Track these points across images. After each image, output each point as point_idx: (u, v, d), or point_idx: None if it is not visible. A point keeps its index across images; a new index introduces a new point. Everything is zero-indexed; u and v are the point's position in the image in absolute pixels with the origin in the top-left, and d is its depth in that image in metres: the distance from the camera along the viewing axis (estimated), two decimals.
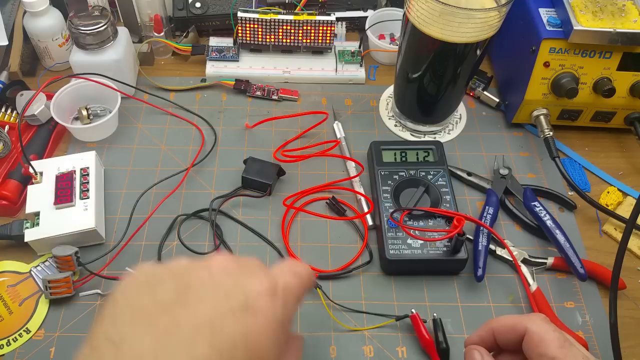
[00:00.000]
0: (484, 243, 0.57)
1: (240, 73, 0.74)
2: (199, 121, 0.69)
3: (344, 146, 0.67)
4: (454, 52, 0.57)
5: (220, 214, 0.61)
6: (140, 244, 0.58)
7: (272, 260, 0.58)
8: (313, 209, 0.62)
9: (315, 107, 0.72)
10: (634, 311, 0.56)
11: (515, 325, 0.39)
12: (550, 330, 0.38)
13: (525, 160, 0.67)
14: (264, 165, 0.63)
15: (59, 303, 0.54)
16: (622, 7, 0.61)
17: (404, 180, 0.60)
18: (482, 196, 0.64)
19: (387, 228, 0.57)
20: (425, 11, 0.54)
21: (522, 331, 0.39)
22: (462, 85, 0.64)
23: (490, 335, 0.41)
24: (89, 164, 0.60)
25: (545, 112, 0.66)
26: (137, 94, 0.71)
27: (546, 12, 0.64)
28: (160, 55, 0.77)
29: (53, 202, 0.56)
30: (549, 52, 0.62)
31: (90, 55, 0.66)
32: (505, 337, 0.40)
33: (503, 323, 0.41)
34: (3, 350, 0.51)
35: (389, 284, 0.57)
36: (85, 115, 0.66)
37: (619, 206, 0.63)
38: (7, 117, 0.65)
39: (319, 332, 0.53)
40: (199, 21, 0.77)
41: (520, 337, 0.39)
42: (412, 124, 0.69)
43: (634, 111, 0.66)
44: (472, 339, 0.43)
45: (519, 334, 0.39)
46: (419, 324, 0.52)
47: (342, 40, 0.78)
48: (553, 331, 0.38)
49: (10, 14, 0.72)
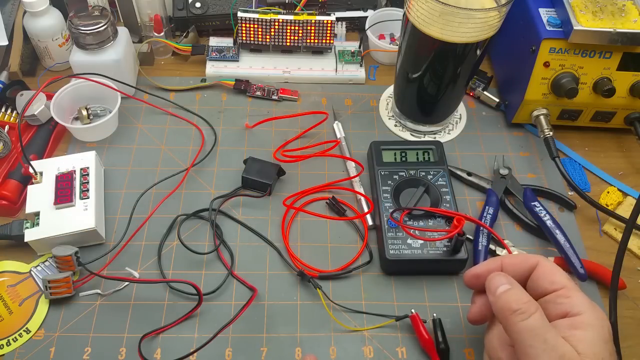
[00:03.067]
0: (484, 243, 0.57)
1: (240, 73, 0.74)
2: (199, 121, 0.69)
3: (344, 146, 0.67)
4: (454, 52, 0.57)
5: (220, 214, 0.61)
6: (140, 244, 0.58)
7: (272, 260, 0.58)
8: (313, 209, 0.62)
9: (315, 107, 0.72)
10: (634, 311, 0.56)
11: (527, 259, 0.44)
12: (560, 269, 0.43)
13: (525, 160, 0.67)
14: (264, 165, 0.63)
15: (59, 303, 0.54)
16: (622, 7, 0.61)
17: (404, 180, 0.60)
18: (482, 196, 0.64)
19: (387, 228, 0.57)
20: (425, 11, 0.54)
21: (533, 264, 0.43)
22: (462, 85, 0.64)
23: (498, 268, 0.44)
24: (89, 164, 0.60)
25: (545, 112, 0.66)
26: (137, 94, 0.71)
27: (546, 12, 0.64)
28: (160, 55, 0.77)
29: (53, 202, 0.56)
30: (549, 52, 0.62)
31: (90, 55, 0.66)
32: (514, 269, 0.44)
33: (513, 258, 0.44)
34: (3, 350, 0.51)
35: (389, 284, 0.57)
36: (85, 115, 0.66)
37: (619, 206, 0.63)
38: (7, 117, 0.65)
39: (319, 332, 0.53)
40: (199, 21, 0.77)
41: (530, 270, 0.43)
42: (412, 124, 0.69)
43: (634, 111, 0.66)
44: (479, 269, 0.45)
45: (529, 267, 0.43)
46: (419, 324, 0.52)
47: (342, 40, 0.78)
48: (562, 271, 0.43)
49: (10, 14, 0.72)
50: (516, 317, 0.39)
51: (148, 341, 0.52)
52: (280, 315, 0.54)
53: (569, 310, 0.41)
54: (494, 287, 0.42)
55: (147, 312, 0.54)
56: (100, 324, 0.53)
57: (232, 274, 0.56)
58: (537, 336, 0.38)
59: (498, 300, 0.41)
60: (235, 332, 0.53)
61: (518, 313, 0.39)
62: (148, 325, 0.52)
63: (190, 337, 0.52)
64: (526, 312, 0.39)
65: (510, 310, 0.39)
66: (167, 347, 0.51)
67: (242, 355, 0.51)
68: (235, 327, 0.53)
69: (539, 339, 0.38)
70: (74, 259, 0.53)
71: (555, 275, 0.43)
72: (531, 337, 0.38)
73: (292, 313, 0.54)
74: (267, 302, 0.55)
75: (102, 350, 0.51)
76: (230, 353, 0.52)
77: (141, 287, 0.55)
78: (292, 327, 0.53)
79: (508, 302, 0.40)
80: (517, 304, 0.39)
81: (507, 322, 0.40)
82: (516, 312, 0.39)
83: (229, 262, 0.57)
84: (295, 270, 0.56)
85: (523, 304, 0.39)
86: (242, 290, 0.55)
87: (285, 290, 0.56)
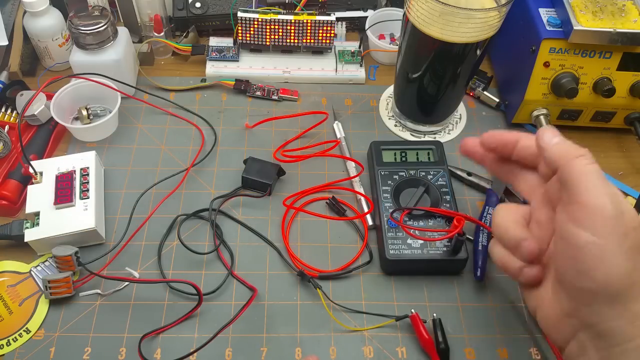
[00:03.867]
0: (484, 243, 0.57)
1: (240, 73, 0.74)
2: (199, 121, 0.69)
3: (344, 146, 0.67)
4: (454, 52, 0.57)
5: (220, 214, 0.61)
6: (140, 244, 0.58)
7: (272, 260, 0.58)
8: (313, 209, 0.62)
9: (315, 107, 0.72)
10: None
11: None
12: None
13: None
14: (264, 165, 0.63)
15: (59, 303, 0.54)
16: (622, 7, 0.61)
17: (404, 180, 0.60)
18: (482, 196, 0.64)
19: (387, 228, 0.57)
20: (425, 11, 0.54)
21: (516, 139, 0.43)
22: (462, 85, 0.64)
23: (513, 143, 0.44)
24: (89, 164, 0.60)
25: (545, 112, 0.66)
26: (137, 94, 0.71)
27: (546, 12, 0.64)
28: (160, 55, 0.77)
29: (53, 202, 0.56)
30: (549, 52, 0.62)
31: (90, 55, 0.66)
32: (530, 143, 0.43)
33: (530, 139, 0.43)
34: (3, 350, 0.51)
35: (389, 284, 0.57)
36: (85, 115, 0.66)
37: None
38: (7, 117, 0.65)
39: (319, 332, 0.53)
40: (199, 21, 0.77)
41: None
42: (412, 124, 0.69)
43: (634, 111, 0.66)
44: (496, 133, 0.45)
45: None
46: (419, 324, 0.52)
47: (342, 40, 0.78)
48: None
49: (10, 14, 0.72)
50: (582, 160, 0.38)
51: (148, 341, 0.52)
52: (280, 315, 0.54)
53: None
54: (548, 137, 0.41)
55: (147, 312, 0.54)
56: (100, 324, 0.53)
57: (232, 274, 0.56)
58: (602, 178, 0.38)
59: (559, 146, 0.40)
60: (235, 332, 0.53)
61: (583, 157, 0.39)
62: (148, 325, 0.52)
63: (190, 337, 0.52)
64: (589, 158, 0.39)
65: (575, 155, 0.39)
66: (167, 347, 0.51)
67: (242, 355, 0.51)
68: (235, 327, 0.53)
69: (604, 181, 0.37)
70: (74, 259, 0.53)
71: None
72: (597, 177, 0.37)
73: (292, 313, 0.54)
74: (267, 302, 0.55)
75: (102, 350, 0.51)
76: (230, 353, 0.52)
77: (141, 287, 0.55)
78: (292, 327, 0.53)
79: (571, 147, 0.40)
80: (583, 151, 0.39)
81: (572, 165, 0.39)
82: (582, 157, 0.39)
83: (229, 262, 0.57)
84: (295, 270, 0.56)
85: (587, 152, 0.39)
86: (242, 290, 0.55)
87: (285, 290, 0.56)
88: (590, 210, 0.37)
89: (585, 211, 0.37)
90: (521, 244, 0.41)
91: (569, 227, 0.38)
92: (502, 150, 0.45)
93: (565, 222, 0.38)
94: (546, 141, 0.41)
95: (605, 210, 0.36)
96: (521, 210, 0.44)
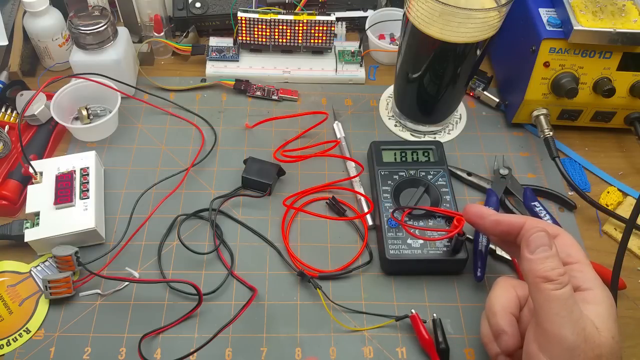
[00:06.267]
0: (484, 243, 0.57)
1: (240, 73, 0.74)
2: (199, 121, 0.69)
3: (344, 146, 0.67)
4: (454, 52, 0.57)
5: (220, 214, 0.61)
6: (140, 244, 0.58)
7: (272, 260, 0.58)
8: (313, 209, 0.62)
9: (315, 107, 0.72)
10: (634, 311, 0.56)
11: (549, 228, 0.44)
12: (578, 244, 0.44)
13: (525, 160, 0.67)
14: (264, 165, 0.63)
15: (59, 303, 0.54)
16: (622, 7, 0.61)
17: (404, 180, 0.60)
18: (482, 196, 0.64)
19: (387, 228, 0.57)
20: (425, 11, 0.54)
21: (554, 234, 0.45)
22: (462, 85, 0.64)
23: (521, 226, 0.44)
24: (89, 164, 0.60)
25: (545, 112, 0.66)
26: (137, 94, 0.71)
27: (546, 12, 0.64)
28: (160, 55, 0.77)
29: (53, 202, 0.56)
30: (549, 52, 0.62)
31: (90, 55, 0.66)
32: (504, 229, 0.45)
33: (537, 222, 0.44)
34: (3, 350, 0.51)
35: (389, 284, 0.57)
36: (85, 115, 0.66)
37: (619, 206, 0.63)
38: (7, 117, 0.65)
39: (319, 332, 0.53)
40: (199, 21, 0.77)
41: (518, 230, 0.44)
42: (412, 124, 0.69)
43: (634, 111, 0.66)
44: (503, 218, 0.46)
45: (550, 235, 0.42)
46: (419, 324, 0.52)
47: (342, 40, 0.78)
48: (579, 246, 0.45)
49: (10, 14, 0.72)
50: (550, 285, 0.39)
51: (148, 341, 0.52)
52: (280, 315, 0.54)
53: (581, 284, 0.41)
54: (534, 245, 0.41)
55: (147, 312, 0.54)
56: (100, 324, 0.53)
57: (232, 274, 0.56)
58: (565, 306, 0.38)
59: (535, 264, 0.40)
60: (235, 332, 0.53)
61: (554, 283, 0.39)
62: (148, 325, 0.52)
63: (190, 337, 0.52)
64: (561, 283, 0.39)
65: (546, 278, 0.39)
66: (167, 347, 0.51)
67: (242, 355, 0.51)
68: (235, 327, 0.53)
69: (567, 309, 0.38)
70: (74, 259, 0.53)
71: (573, 249, 0.43)
72: (559, 306, 0.38)
73: (292, 313, 0.54)
74: (267, 302, 0.55)
75: (102, 350, 0.51)
76: (230, 353, 0.52)
77: (141, 287, 0.55)
78: (292, 327, 0.53)
79: (545, 270, 0.40)
80: (555, 274, 0.39)
81: (538, 288, 0.39)
82: (552, 282, 0.39)
83: (229, 262, 0.57)
84: (295, 270, 0.56)
85: (560, 275, 0.39)
86: (242, 290, 0.55)
87: (285, 290, 0.56)
88: (551, 338, 0.38)
89: (546, 338, 0.38)
90: (501, 336, 0.43)
91: (533, 347, 0.40)
92: (505, 237, 0.46)
93: (531, 342, 0.40)
94: (531, 249, 0.41)
95: (564, 341, 0.38)
96: (519, 291, 0.45)
